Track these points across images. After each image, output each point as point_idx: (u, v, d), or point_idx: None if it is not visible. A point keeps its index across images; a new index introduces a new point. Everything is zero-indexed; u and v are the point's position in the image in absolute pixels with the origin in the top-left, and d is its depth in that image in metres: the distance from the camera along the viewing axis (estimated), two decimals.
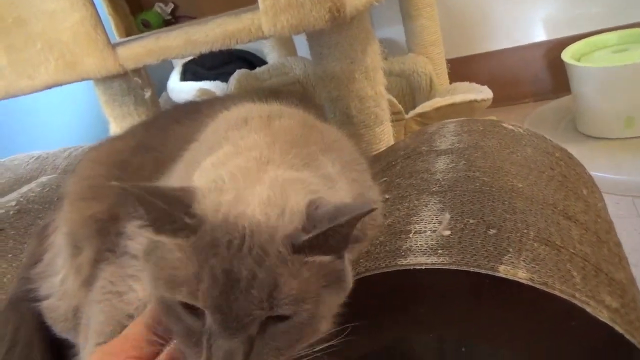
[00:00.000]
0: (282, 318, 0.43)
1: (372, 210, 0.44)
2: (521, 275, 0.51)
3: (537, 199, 0.67)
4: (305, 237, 0.42)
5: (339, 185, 0.56)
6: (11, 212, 1.14)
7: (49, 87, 1.03)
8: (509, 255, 0.54)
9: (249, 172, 0.50)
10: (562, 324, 0.50)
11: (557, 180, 0.74)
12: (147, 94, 1.09)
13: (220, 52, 2.40)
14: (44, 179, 1.33)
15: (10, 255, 1.03)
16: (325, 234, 0.42)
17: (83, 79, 1.02)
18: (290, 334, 0.44)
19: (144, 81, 1.10)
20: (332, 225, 0.42)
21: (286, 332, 0.43)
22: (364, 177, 0.66)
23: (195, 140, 0.73)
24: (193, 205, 0.44)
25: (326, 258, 0.44)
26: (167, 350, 0.46)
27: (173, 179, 0.66)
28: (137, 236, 0.67)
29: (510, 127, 0.90)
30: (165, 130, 0.84)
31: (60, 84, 1.03)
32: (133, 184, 0.44)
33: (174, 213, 0.43)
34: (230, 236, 0.42)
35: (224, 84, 2.01)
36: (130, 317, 0.65)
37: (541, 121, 2.13)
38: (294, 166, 0.53)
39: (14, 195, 1.24)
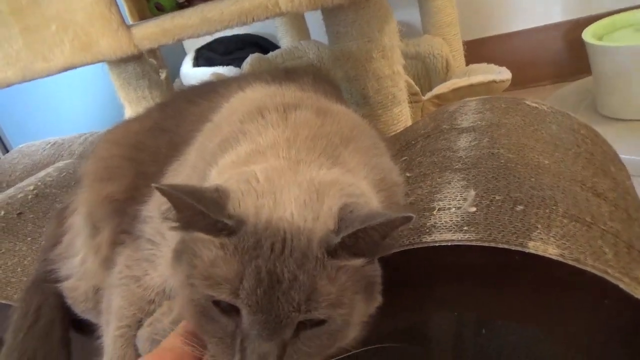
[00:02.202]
0: (316, 324, 0.43)
1: (409, 219, 0.43)
2: (552, 251, 0.49)
3: (565, 175, 0.65)
4: (337, 239, 0.42)
5: (361, 175, 0.56)
6: (29, 197, 1.15)
7: (65, 69, 1.02)
8: (538, 231, 0.52)
9: (282, 173, 0.49)
10: (594, 301, 0.49)
11: (584, 158, 0.72)
12: (162, 75, 1.08)
13: (234, 37, 2.38)
14: (60, 164, 1.33)
15: (29, 239, 1.03)
16: (356, 235, 0.42)
17: (98, 61, 1.02)
18: (321, 340, 0.44)
19: (159, 62, 1.09)
20: (362, 226, 0.42)
21: (318, 338, 0.43)
22: (384, 160, 0.65)
23: (210, 121, 0.73)
24: (228, 206, 0.44)
25: (358, 262, 0.44)
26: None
27: (185, 172, 0.66)
28: (152, 221, 0.67)
29: (534, 104, 0.87)
30: (180, 111, 0.83)
31: (76, 66, 1.02)
32: (169, 184, 0.44)
33: (212, 215, 0.43)
34: (272, 239, 0.42)
35: (237, 69, 2.00)
36: (151, 302, 0.64)
37: (561, 103, 2.08)
38: (324, 165, 0.52)
39: (31, 179, 1.25)
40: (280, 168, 0.50)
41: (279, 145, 0.54)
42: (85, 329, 0.79)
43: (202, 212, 0.42)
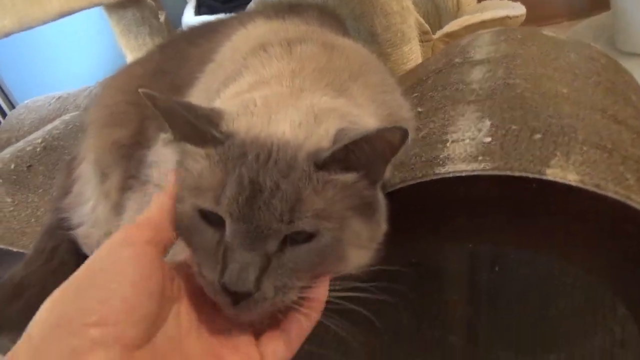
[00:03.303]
0: (304, 239, 0.41)
1: (400, 131, 0.40)
2: (571, 177, 0.48)
3: (585, 104, 0.62)
4: (327, 152, 0.41)
5: (369, 111, 0.54)
6: (38, 149, 1.15)
7: (62, 15, 0.99)
8: (557, 158, 0.50)
9: (282, 98, 0.48)
10: (616, 227, 0.47)
11: (605, 86, 0.69)
12: (162, 17, 1.04)
13: None
14: (67, 117, 1.32)
15: (40, 190, 1.04)
16: (347, 148, 0.41)
17: (95, 5, 0.98)
18: (310, 257, 0.42)
19: (157, 4, 1.05)
20: (353, 139, 0.40)
21: (307, 254, 0.42)
22: (393, 97, 0.62)
23: (212, 61, 0.70)
24: (220, 124, 0.43)
25: (350, 176, 0.42)
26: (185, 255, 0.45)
27: None
28: (158, 165, 0.66)
29: (551, 34, 0.83)
30: (181, 53, 0.81)
31: (74, 11, 0.99)
32: (164, 95, 0.42)
33: (202, 127, 0.42)
34: (258, 150, 0.41)
35: None
36: None
37: (577, 39, 2.00)
38: (329, 95, 0.50)
39: (39, 133, 1.24)
40: (281, 94, 0.48)
41: (283, 76, 0.51)
42: None
43: (190, 122, 0.42)
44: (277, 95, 0.48)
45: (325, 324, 0.71)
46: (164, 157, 0.64)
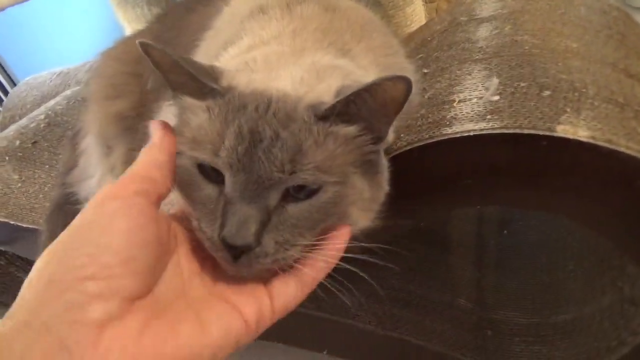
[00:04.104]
0: (306, 195, 0.40)
1: (403, 80, 0.39)
2: (582, 133, 0.46)
3: (595, 58, 0.60)
4: (327, 104, 0.40)
5: (373, 73, 0.52)
6: (42, 125, 1.14)
7: None
8: (567, 115, 0.49)
9: (283, 56, 0.46)
10: (628, 183, 0.46)
11: (616, 39, 0.67)
12: None
13: None
14: (68, 92, 1.31)
15: (47, 166, 1.04)
16: (348, 100, 0.39)
17: None
18: (311, 214, 0.40)
19: None
20: (355, 90, 0.39)
21: (308, 210, 0.40)
22: (396, 60, 0.61)
23: (210, 28, 0.69)
24: (221, 79, 0.42)
25: (352, 129, 0.41)
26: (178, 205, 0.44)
27: None
28: None
29: None
30: (180, 21, 0.79)
31: None
32: (161, 46, 0.41)
33: (202, 79, 0.40)
34: (258, 101, 0.40)
35: None
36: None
37: None
38: (331, 54, 0.49)
39: (42, 109, 1.24)
40: (282, 52, 0.47)
41: (283, 36, 0.50)
42: None
43: (189, 74, 0.40)
44: (278, 53, 0.47)
45: (333, 289, 0.71)
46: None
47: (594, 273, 0.73)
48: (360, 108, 0.40)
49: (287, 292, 0.39)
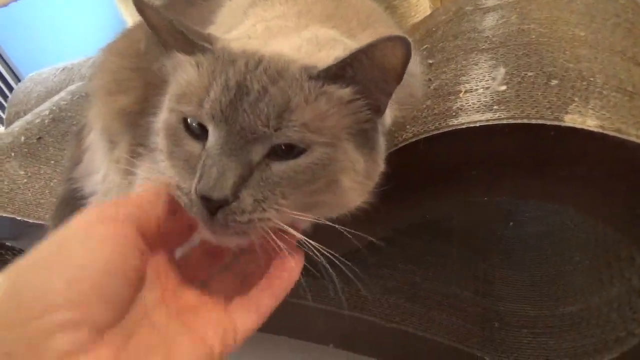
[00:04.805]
0: (293, 155, 0.38)
1: (401, 40, 0.37)
2: (590, 123, 0.46)
3: (603, 46, 0.59)
4: (323, 65, 0.38)
5: None
6: (46, 121, 1.14)
7: None
8: (575, 104, 0.48)
9: (286, 28, 0.45)
10: (637, 172, 0.46)
11: (624, 27, 0.66)
12: None
13: None
14: (72, 87, 1.31)
15: (52, 162, 1.04)
16: (344, 63, 0.38)
17: None
18: (297, 175, 0.38)
19: None
20: (351, 52, 0.38)
21: (293, 170, 0.38)
22: None
23: (212, 23, 0.68)
24: (215, 43, 0.41)
25: (347, 91, 0.40)
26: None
27: None
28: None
29: None
30: (181, 14, 0.78)
31: None
32: (158, 8, 0.41)
33: (191, 36, 0.40)
34: (248, 58, 0.39)
35: None
36: None
37: None
38: (335, 32, 0.48)
39: (46, 105, 1.24)
40: (285, 25, 0.46)
41: (288, 15, 0.49)
42: None
43: (182, 32, 0.40)
44: (281, 26, 0.46)
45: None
46: None
47: (601, 264, 0.73)
48: (356, 71, 0.39)
49: (249, 321, 0.38)
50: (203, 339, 0.35)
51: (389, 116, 0.51)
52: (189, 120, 0.39)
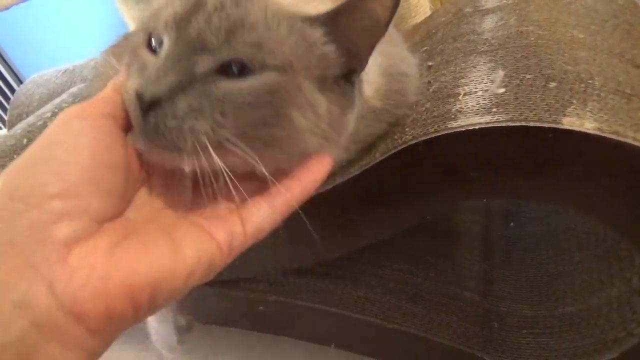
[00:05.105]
0: (243, 75, 0.37)
1: None
2: (588, 125, 0.46)
3: (602, 48, 0.60)
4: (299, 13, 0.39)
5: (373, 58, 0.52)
6: (49, 123, 1.15)
7: None
8: (573, 107, 0.49)
9: None
10: (635, 174, 0.46)
11: (623, 29, 0.66)
12: None
13: None
14: (74, 89, 1.32)
15: None
16: (327, 17, 0.39)
17: None
18: (243, 96, 0.37)
19: None
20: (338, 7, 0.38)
21: (239, 89, 0.37)
22: (397, 50, 0.61)
23: None
24: None
25: (317, 32, 0.40)
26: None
27: None
28: None
29: None
30: None
31: None
32: None
33: None
34: None
35: None
36: None
37: None
38: None
39: (48, 107, 1.24)
40: None
41: None
42: None
43: None
44: None
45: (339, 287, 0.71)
46: None
47: (601, 264, 0.73)
48: (338, 21, 0.39)
49: (259, 214, 0.38)
50: (208, 231, 0.36)
51: (371, 86, 0.51)
52: (151, 37, 0.40)
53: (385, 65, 0.55)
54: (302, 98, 0.39)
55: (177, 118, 0.35)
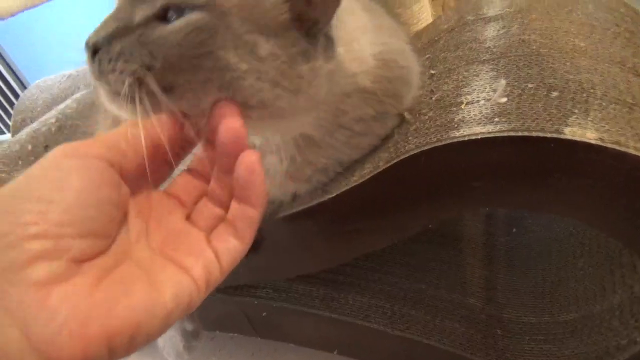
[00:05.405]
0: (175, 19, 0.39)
1: None
2: (590, 135, 0.46)
3: (603, 57, 0.60)
4: None
5: (368, 36, 0.54)
6: (53, 129, 1.16)
7: None
8: (575, 116, 0.49)
9: None
10: (635, 186, 0.46)
11: (624, 37, 0.66)
12: None
13: None
14: (78, 95, 1.33)
15: None
16: None
17: None
18: (176, 39, 0.38)
19: None
20: None
21: (169, 31, 0.38)
22: (394, 41, 0.62)
23: None
24: None
25: None
26: None
27: None
28: None
29: None
30: None
31: None
32: None
33: None
34: None
35: None
36: None
37: None
38: None
39: (52, 113, 1.25)
40: None
41: None
42: None
43: None
44: None
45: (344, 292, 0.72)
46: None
47: (604, 271, 0.73)
48: None
49: (229, 247, 0.38)
50: (187, 269, 0.36)
51: (359, 64, 0.53)
52: None
53: (378, 51, 0.56)
54: (235, 38, 0.40)
55: (111, 60, 0.39)
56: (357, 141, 0.60)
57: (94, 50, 0.39)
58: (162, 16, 0.39)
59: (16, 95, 2.04)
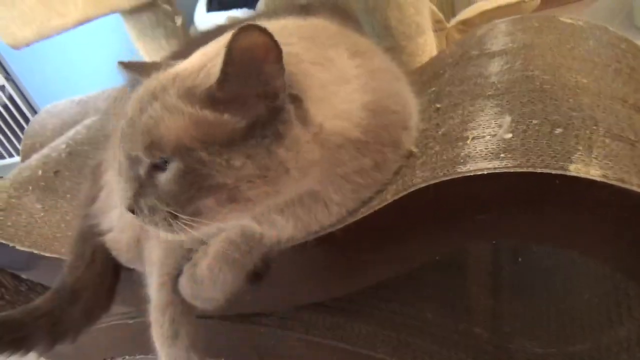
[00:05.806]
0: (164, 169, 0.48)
1: (255, 31, 0.43)
2: (594, 172, 0.48)
3: (605, 93, 0.62)
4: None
5: (350, 86, 0.55)
6: (63, 155, 1.18)
7: (80, 22, 1.01)
8: (579, 153, 0.50)
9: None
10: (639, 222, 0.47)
11: (625, 73, 0.68)
12: (178, 21, 1.05)
13: None
14: (88, 121, 1.35)
15: (68, 196, 1.07)
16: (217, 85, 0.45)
17: (112, 11, 1.00)
18: (169, 185, 0.47)
19: (173, 9, 1.06)
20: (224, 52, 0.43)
21: (164, 181, 0.48)
22: (385, 86, 0.61)
23: None
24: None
25: (194, 108, 0.46)
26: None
27: None
28: None
29: (569, 20, 0.82)
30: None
31: (91, 19, 1.01)
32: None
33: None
34: (151, 82, 0.49)
35: (253, 11, 1.93)
36: (188, 250, 0.67)
37: (594, 19, 1.96)
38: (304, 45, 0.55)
39: (63, 139, 1.27)
40: None
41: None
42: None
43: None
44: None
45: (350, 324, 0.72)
46: None
47: (610, 302, 0.73)
48: (228, 80, 0.45)
49: None
50: None
51: (346, 119, 0.54)
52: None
53: (368, 100, 0.56)
54: (210, 163, 0.46)
55: (145, 216, 0.50)
56: (362, 195, 0.60)
57: (132, 210, 0.50)
58: (157, 165, 0.48)
59: (26, 120, 2.07)
